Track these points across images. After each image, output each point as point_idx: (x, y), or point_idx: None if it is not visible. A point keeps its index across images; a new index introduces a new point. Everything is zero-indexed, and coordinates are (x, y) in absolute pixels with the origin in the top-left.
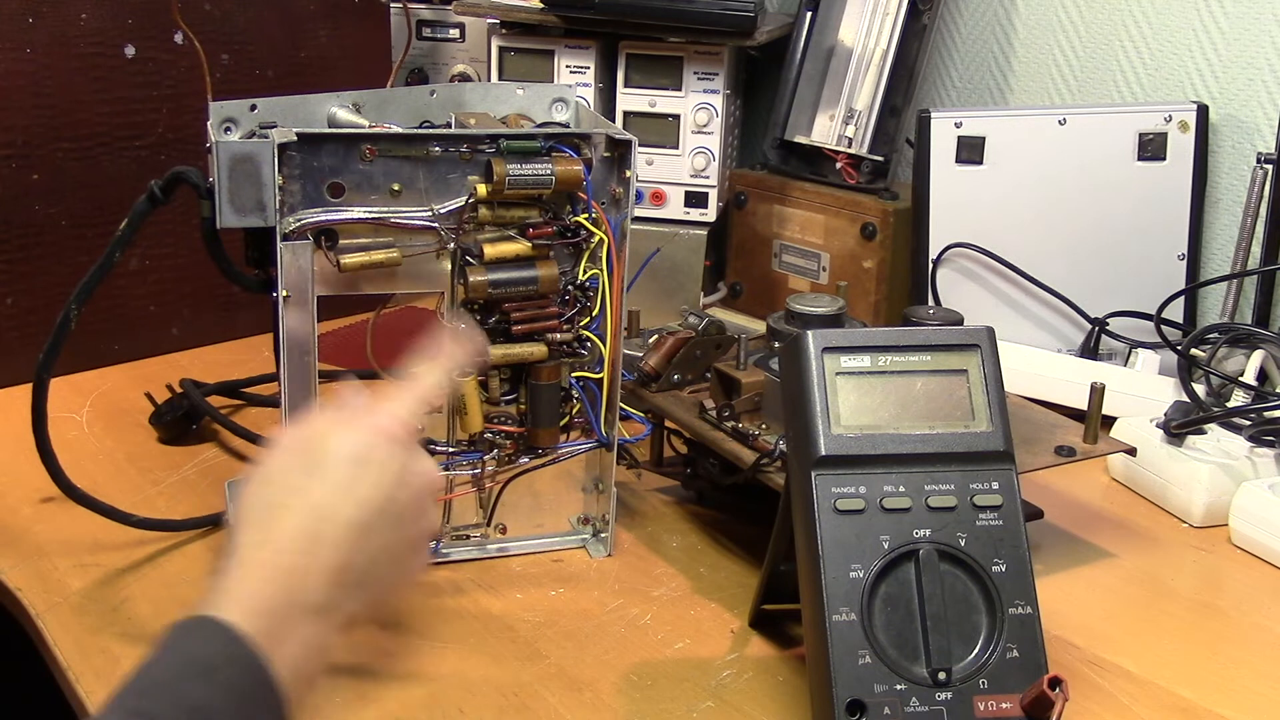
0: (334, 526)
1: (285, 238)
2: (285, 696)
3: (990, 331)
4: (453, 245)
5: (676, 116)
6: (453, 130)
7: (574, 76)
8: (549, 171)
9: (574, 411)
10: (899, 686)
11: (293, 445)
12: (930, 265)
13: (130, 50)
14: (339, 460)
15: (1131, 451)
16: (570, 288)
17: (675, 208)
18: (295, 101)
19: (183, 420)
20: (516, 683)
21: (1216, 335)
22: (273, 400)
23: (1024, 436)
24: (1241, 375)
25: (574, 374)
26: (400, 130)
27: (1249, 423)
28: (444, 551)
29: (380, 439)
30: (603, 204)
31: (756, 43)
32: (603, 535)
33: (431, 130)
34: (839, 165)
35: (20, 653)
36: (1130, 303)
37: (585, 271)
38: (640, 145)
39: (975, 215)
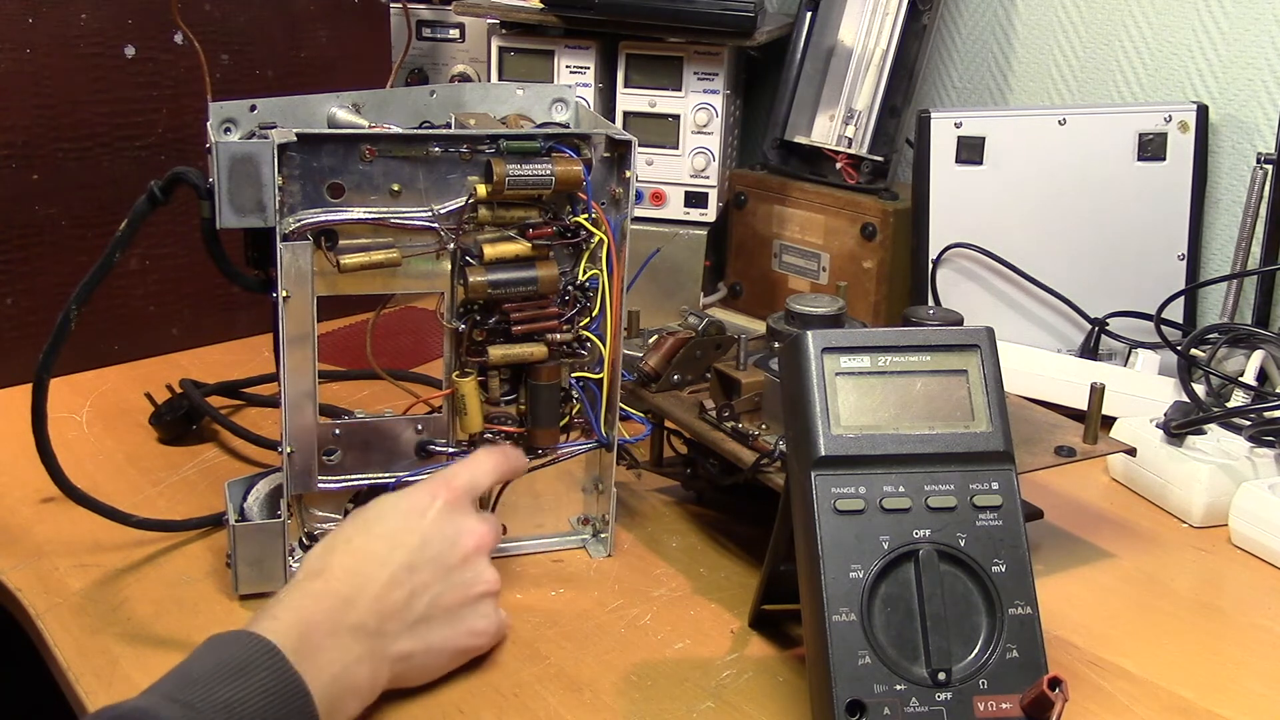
0: (382, 567)
1: (285, 238)
2: (316, 702)
3: (990, 331)
4: (453, 245)
5: (676, 117)
6: (453, 130)
7: (574, 76)
8: (549, 172)
9: (574, 412)
10: (899, 687)
11: (363, 507)
12: (930, 265)
13: (130, 50)
14: (394, 514)
15: (1131, 452)
16: (570, 288)
17: (675, 208)
18: (295, 102)
19: (183, 420)
20: (516, 683)
21: (1216, 335)
22: (273, 400)
23: (1024, 436)
24: (1241, 375)
25: (574, 374)
26: (400, 131)
27: (1249, 423)
28: None
29: (434, 499)
30: (603, 204)
31: (756, 43)
32: (603, 535)
33: (431, 130)
34: (839, 165)
35: (20, 653)
36: (1130, 303)
37: (585, 272)
38: (640, 145)
39: (975, 215)
